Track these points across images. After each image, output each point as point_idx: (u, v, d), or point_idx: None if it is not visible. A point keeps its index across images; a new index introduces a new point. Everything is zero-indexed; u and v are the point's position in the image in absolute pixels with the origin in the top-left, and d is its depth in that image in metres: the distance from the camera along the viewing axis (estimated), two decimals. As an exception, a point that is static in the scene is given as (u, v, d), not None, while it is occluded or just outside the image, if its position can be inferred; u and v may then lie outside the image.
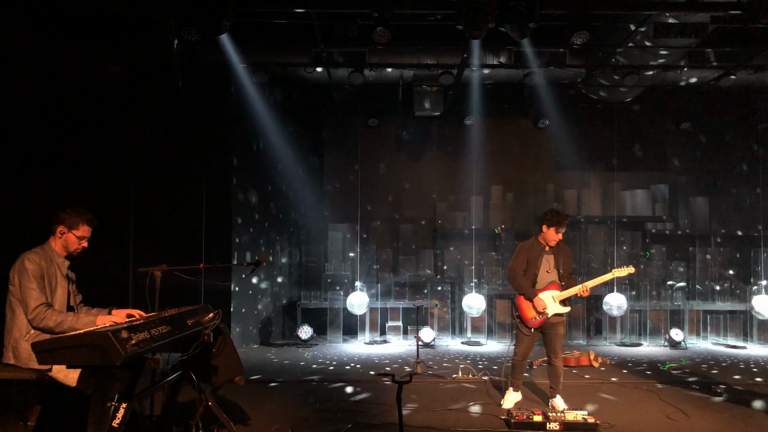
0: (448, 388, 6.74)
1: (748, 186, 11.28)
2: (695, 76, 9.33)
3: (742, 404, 6.09)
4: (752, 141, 11.20)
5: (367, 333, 10.05)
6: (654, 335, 10.12)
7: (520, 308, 5.83)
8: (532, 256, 5.85)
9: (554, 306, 5.72)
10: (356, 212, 10.76)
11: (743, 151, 11.32)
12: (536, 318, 5.73)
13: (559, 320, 5.78)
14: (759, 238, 10.71)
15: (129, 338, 3.01)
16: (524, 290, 5.79)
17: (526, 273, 5.85)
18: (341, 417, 5.56)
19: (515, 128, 11.50)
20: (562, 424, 5.10)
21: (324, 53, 8.77)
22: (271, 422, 5.30)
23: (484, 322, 10.13)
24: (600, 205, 11.47)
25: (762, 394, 6.54)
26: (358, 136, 11.14)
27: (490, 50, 8.74)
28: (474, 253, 10.54)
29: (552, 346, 5.80)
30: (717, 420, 5.55)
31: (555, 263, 5.83)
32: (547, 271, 5.82)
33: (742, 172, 11.40)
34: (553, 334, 5.78)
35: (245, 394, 6.21)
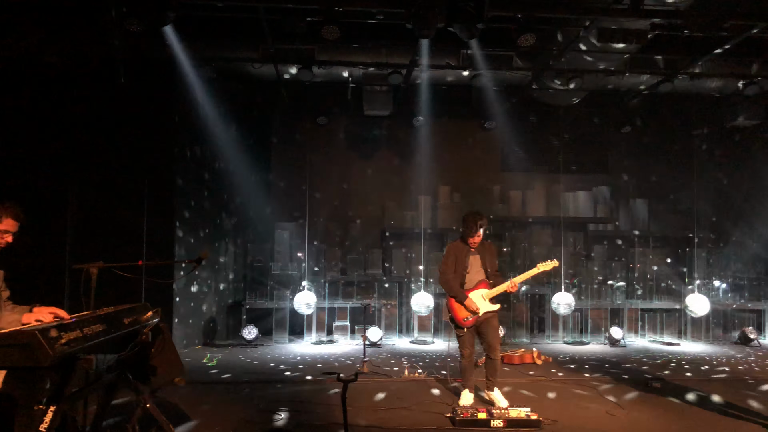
0: (394, 387, 6.74)
1: (684, 189, 11.70)
2: (636, 81, 9.61)
3: (676, 398, 6.30)
4: (689, 146, 11.62)
5: (314, 333, 9.96)
6: (595, 333, 10.39)
7: (452, 309, 5.91)
8: (459, 257, 5.95)
9: (485, 304, 5.84)
10: (304, 211, 10.65)
11: (680, 155, 11.73)
12: (468, 318, 5.82)
13: (491, 315, 5.89)
14: (693, 239, 11.13)
15: (59, 337, 2.87)
16: (455, 292, 5.88)
17: (455, 274, 5.94)
18: (285, 417, 5.47)
19: (463, 129, 11.61)
20: (506, 421, 5.16)
21: (272, 49, 8.65)
22: (212, 424, 5.18)
23: (432, 321, 10.19)
24: (544, 207, 11.71)
25: (694, 388, 6.78)
26: (307, 135, 11.03)
27: (439, 51, 8.80)
28: (422, 252, 10.58)
29: (489, 341, 5.88)
30: (653, 414, 5.72)
31: (482, 263, 5.95)
32: (474, 272, 5.93)
33: (679, 176, 11.81)
34: (488, 329, 5.87)
35: (186, 395, 6.05)
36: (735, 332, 10.37)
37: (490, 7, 6.91)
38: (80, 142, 8.39)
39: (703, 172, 11.58)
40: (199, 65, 8.70)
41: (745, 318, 10.58)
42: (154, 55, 8.29)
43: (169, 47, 8.03)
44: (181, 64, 8.45)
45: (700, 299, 10.08)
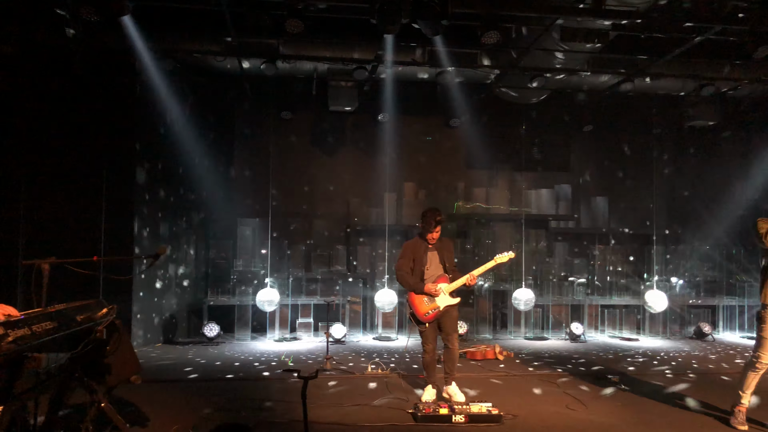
0: (357, 384, 6.71)
1: (644, 188, 11.95)
2: (598, 80, 9.76)
3: (634, 393, 6.43)
4: (648, 145, 11.86)
5: (277, 330, 9.87)
6: (556, 329, 10.53)
7: (413, 305, 5.93)
8: (417, 254, 5.98)
9: (445, 298, 5.87)
10: (267, 207, 10.53)
11: (640, 154, 11.97)
12: (429, 313, 5.84)
13: (452, 308, 5.93)
14: (652, 236, 11.37)
15: (5, 335, 2.76)
16: (412, 285, 5.91)
17: (413, 271, 5.97)
18: (246, 415, 5.40)
19: (428, 126, 11.63)
20: (467, 416, 5.18)
21: (235, 42, 8.52)
22: (171, 422, 5.08)
23: (395, 318, 10.19)
24: (507, 203, 11.81)
25: (651, 382, 6.93)
26: (271, 129, 10.90)
27: (404, 47, 8.79)
28: (386, 249, 10.57)
29: (446, 330, 5.92)
30: (612, 408, 5.82)
31: (440, 258, 5.99)
32: (432, 268, 5.97)
33: (638, 175, 12.05)
34: (447, 319, 5.92)
35: (145, 394, 5.92)
36: (691, 327, 10.63)
37: (454, 4, 6.93)
38: (34, 133, 8.14)
39: (661, 171, 11.83)
40: (159, 57, 8.52)
41: (701, 313, 10.86)
42: (113, 45, 8.09)
43: (128, 38, 7.84)
44: (141, 56, 8.26)
45: (658, 295, 10.31)
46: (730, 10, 7.36)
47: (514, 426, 5.20)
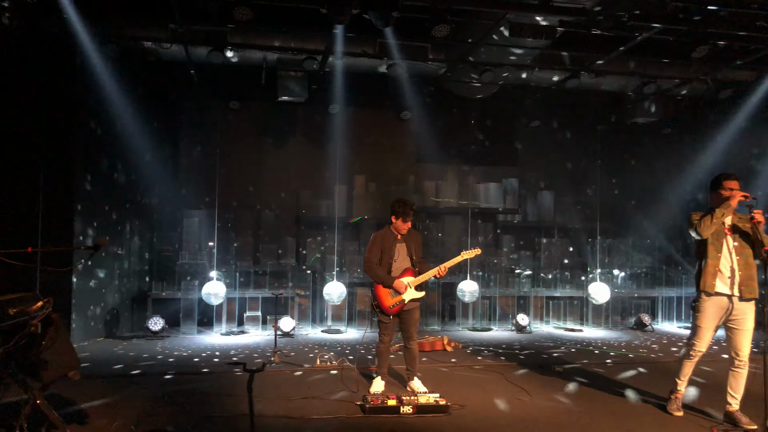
0: (305, 377, 6.67)
1: (588, 182, 12.25)
2: (545, 76, 9.93)
3: (578, 381, 6.60)
4: (593, 141, 12.16)
5: (224, 324, 9.71)
6: (503, 320, 10.71)
7: (378, 297, 5.91)
8: (386, 245, 5.96)
9: (410, 292, 5.88)
10: (214, 198, 10.32)
11: (585, 149, 12.26)
12: (394, 305, 5.84)
13: (415, 305, 5.97)
14: (595, 230, 11.68)
15: (-70, 329, 2.61)
16: (382, 278, 5.88)
17: (381, 262, 5.95)
18: (191, 410, 5.29)
19: (379, 119, 11.62)
20: (415, 407, 5.21)
21: (182, 29, 8.30)
22: (112, 419, 4.93)
23: (345, 310, 10.17)
24: (456, 197, 11.93)
25: (594, 372, 7.13)
26: (218, 119, 10.68)
27: (355, 39, 8.73)
28: (336, 241, 10.53)
29: (408, 330, 5.97)
30: (556, 397, 5.96)
31: (408, 251, 5.99)
32: (400, 260, 5.96)
33: (583, 170, 12.35)
34: (409, 319, 5.95)
35: (85, 390, 5.73)
36: (632, 318, 10.98)
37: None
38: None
39: (605, 167, 12.16)
40: (101, 43, 8.21)
41: (641, 305, 11.23)
42: (51, 29, 7.75)
43: (67, 22, 7.53)
44: (81, 41, 7.95)
45: (601, 287, 10.62)
46: (671, 10, 7.58)
47: (462, 416, 5.26)
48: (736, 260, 5.00)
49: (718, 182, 5.10)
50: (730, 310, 5.00)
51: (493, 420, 5.17)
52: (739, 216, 5.12)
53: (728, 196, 4.99)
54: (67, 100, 8.27)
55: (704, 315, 5.08)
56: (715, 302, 5.04)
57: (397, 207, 5.91)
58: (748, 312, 5.00)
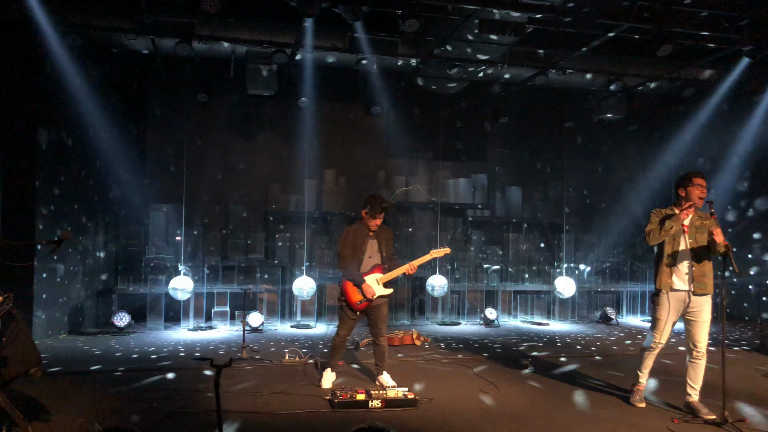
0: (274, 372, 6.64)
1: (555, 178, 12.42)
2: (514, 73, 10.02)
3: (544, 374, 6.70)
4: (560, 137, 12.32)
5: (192, 319, 9.60)
6: (471, 315, 10.81)
7: (346, 292, 5.91)
8: (357, 241, 5.95)
9: (378, 288, 5.89)
10: (181, 192, 10.18)
11: (552, 146, 12.41)
12: (362, 301, 5.85)
13: (383, 302, 5.98)
14: (562, 225, 11.85)
15: None
16: (354, 276, 5.87)
17: (352, 257, 5.93)
18: (157, 406, 5.22)
19: (349, 113, 11.59)
20: (383, 401, 5.24)
21: (148, 20, 8.15)
22: (76, 416, 4.83)
23: (314, 306, 10.14)
24: (426, 192, 11.98)
25: (560, 364, 7.25)
26: (186, 112, 10.52)
27: (325, 32, 8.69)
28: (306, 236, 10.48)
29: (377, 327, 5.99)
30: (523, 390, 6.05)
31: (378, 247, 5.99)
32: (370, 256, 5.96)
33: (551, 166, 12.51)
34: (378, 315, 5.97)
35: (48, 388, 5.63)
36: (597, 312, 11.18)
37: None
38: None
39: (572, 163, 12.33)
40: (65, 32, 8.02)
41: (606, 299, 11.43)
42: (11, 17, 7.54)
43: (28, 10, 7.34)
44: (44, 30, 7.74)
45: (567, 282, 10.79)
46: (637, 9, 7.72)
47: (429, 409, 5.30)
48: (692, 257, 5.15)
49: (687, 180, 5.18)
50: (687, 303, 5.15)
51: (461, 413, 5.22)
52: (699, 214, 5.24)
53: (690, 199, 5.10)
54: (29, 91, 8.04)
55: (663, 308, 5.22)
56: (674, 296, 5.18)
57: (367, 203, 5.91)
58: (705, 305, 5.15)
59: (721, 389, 4.92)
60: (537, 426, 4.94)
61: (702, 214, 5.26)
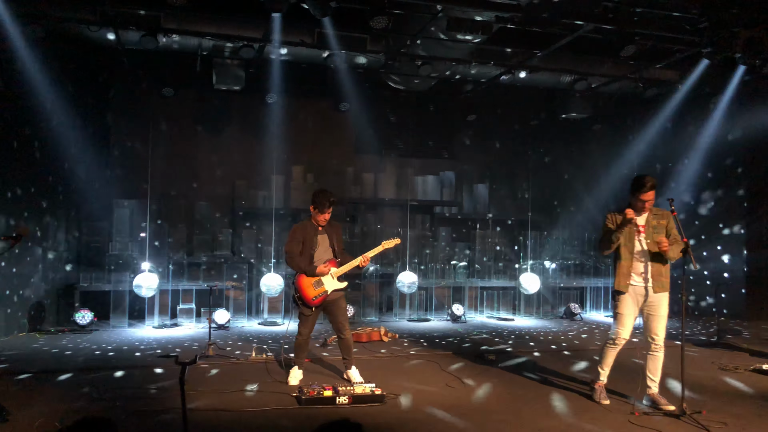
0: (241, 369, 6.60)
1: (521, 176, 12.57)
2: (482, 71, 10.09)
3: (509, 369, 6.79)
4: (526, 135, 12.46)
5: (157, 316, 9.47)
6: (439, 311, 10.89)
7: (300, 289, 5.90)
8: (307, 237, 5.95)
9: (333, 282, 5.91)
10: (147, 188, 10.02)
11: (519, 144, 12.56)
12: (317, 297, 5.86)
13: (339, 295, 6.00)
14: (527, 222, 12.01)
15: None
16: (304, 268, 5.87)
17: (302, 254, 5.93)
18: (121, 405, 5.15)
19: (317, 109, 11.54)
20: (351, 398, 5.25)
21: (112, 12, 7.99)
22: (35, 416, 4.74)
23: (282, 303, 10.09)
24: (395, 189, 12.02)
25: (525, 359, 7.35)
26: (151, 106, 10.35)
27: (293, 27, 8.64)
28: (273, 233, 10.42)
29: (339, 321, 6.00)
30: (488, 384, 6.12)
31: (329, 242, 6.01)
32: (322, 251, 5.97)
33: (517, 163, 12.66)
34: (336, 309, 5.99)
35: (6, 387, 5.49)
36: (561, 308, 11.36)
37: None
38: None
39: (538, 160, 12.49)
40: (25, 23, 7.80)
41: (570, 295, 11.63)
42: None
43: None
44: (2, 20, 7.51)
45: (532, 278, 10.95)
46: (602, 10, 7.85)
47: (397, 405, 5.33)
48: (649, 257, 5.28)
49: (634, 188, 5.22)
50: (646, 297, 5.29)
51: (427, 408, 5.27)
52: (655, 212, 5.35)
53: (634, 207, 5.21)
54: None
55: (623, 303, 5.35)
56: (633, 290, 5.32)
57: (315, 198, 5.90)
58: (662, 300, 5.30)
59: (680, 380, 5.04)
60: (502, 420, 5.01)
61: (659, 212, 5.38)
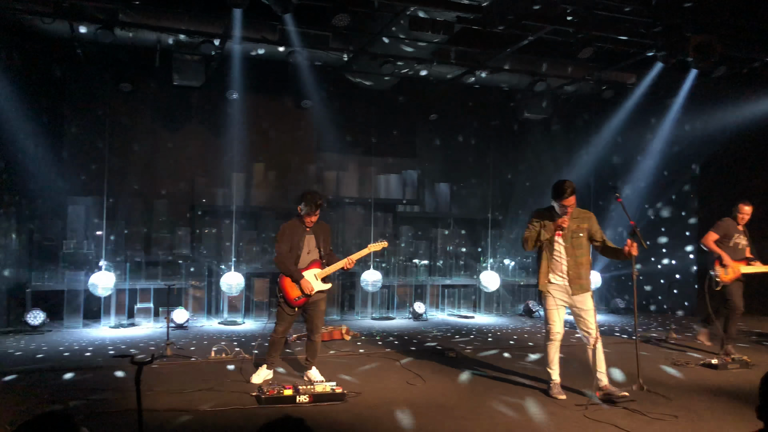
0: (200, 369, 6.51)
1: (482, 175, 12.69)
2: (443, 71, 10.17)
3: (469, 366, 6.86)
4: (487, 135, 12.59)
5: (113, 316, 9.26)
6: (401, 309, 10.93)
7: (284, 289, 5.87)
8: (294, 237, 5.91)
9: (317, 284, 5.89)
10: (103, 185, 9.78)
11: (480, 143, 12.68)
12: (300, 297, 5.83)
13: (321, 297, 5.98)
14: (488, 221, 12.15)
15: None
16: (292, 273, 5.83)
17: (289, 254, 5.89)
18: (75, 407, 5.03)
19: (279, 107, 11.43)
20: (311, 396, 5.23)
21: (67, 4, 7.78)
22: (-16, 420, 4.59)
23: (242, 301, 9.98)
24: (357, 188, 12.00)
25: (484, 356, 7.44)
26: (108, 101, 10.10)
27: (254, 24, 8.55)
28: (234, 231, 10.29)
29: (314, 323, 5.98)
30: (449, 382, 6.19)
31: (316, 242, 5.98)
32: (308, 252, 5.94)
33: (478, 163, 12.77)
34: (315, 312, 5.96)
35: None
36: (520, 305, 11.53)
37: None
38: None
39: (499, 160, 12.63)
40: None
41: (529, 292, 11.79)
42: None
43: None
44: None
45: (492, 276, 11.09)
46: (560, 12, 7.99)
47: (357, 403, 5.34)
48: (566, 261, 5.52)
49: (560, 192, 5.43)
50: (568, 294, 5.53)
51: (388, 406, 5.29)
52: (576, 215, 5.56)
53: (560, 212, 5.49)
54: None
55: (547, 300, 5.60)
56: (554, 287, 5.58)
57: (303, 199, 5.87)
58: (586, 298, 5.54)
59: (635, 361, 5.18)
60: (462, 416, 5.07)
61: (580, 214, 5.61)
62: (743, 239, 7.36)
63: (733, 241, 7.31)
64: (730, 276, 7.19)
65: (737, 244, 7.32)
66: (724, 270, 7.17)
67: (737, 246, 7.31)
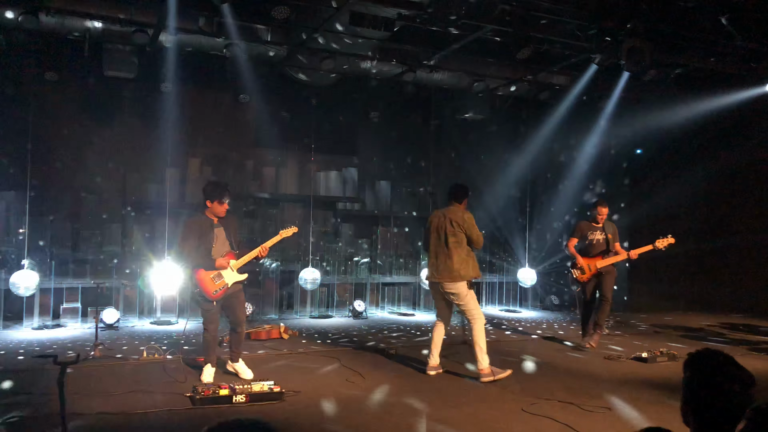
0: (131, 370, 6.26)
1: (423, 174, 12.76)
2: (384, 68, 10.13)
3: (409, 363, 6.86)
4: (427, 134, 12.67)
5: (36, 317, 8.79)
6: (341, 307, 10.86)
7: (200, 284, 5.72)
8: (202, 231, 5.77)
9: (233, 275, 5.80)
10: (26, 179, 9.27)
11: (420, 142, 12.74)
12: (218, 290, 5.71)
13: (239, 288, 5.91)
14: (427, 219, 12.18)
15: None
16: (200, 261, 5.69)
17: (198, 249, 5.74)
18: (-8, 413, 4.73)
19: (216, 100, 11.15)
20: (248, 396, 5.11)
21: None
22: None
23: (176, 301, 9.67)
24: (297, 184, 11.85)
25: (423, 353, 7.46)
26: (32, 91, 9.57)
27: (190, 14, 8.28)
28: (167, 227, 9.96)
29: (237, 315, 5.91)
30: (390, 378, 6.17)
31: (226, 235, 5.88)
32: (220, 244, 5.83)
33: (418, 161, 12.84)
34: (235, 302, 5.89)
35: None
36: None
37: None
38: None
39: (438, 159, 12.73)
40: None
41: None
42: None
43: None
44: None
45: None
46: (499, 13, 8.09)
47: (296, 402, 5.24)
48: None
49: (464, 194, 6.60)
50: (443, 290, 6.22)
51: (327, 404, 5.22)
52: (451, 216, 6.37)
53: None
54: None
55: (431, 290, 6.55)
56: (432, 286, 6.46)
57: (210, 189, 5.73)
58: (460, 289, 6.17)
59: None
60: (401, 413, 5.06)
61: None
62: (599, 234, 7.93)
63: (589, 238, 7.94)
64: (587, 274, 7.82)
65: (592, 240, 7.93)
66: (579, 271, 7.84)
67: (593, 242, 7.92)
